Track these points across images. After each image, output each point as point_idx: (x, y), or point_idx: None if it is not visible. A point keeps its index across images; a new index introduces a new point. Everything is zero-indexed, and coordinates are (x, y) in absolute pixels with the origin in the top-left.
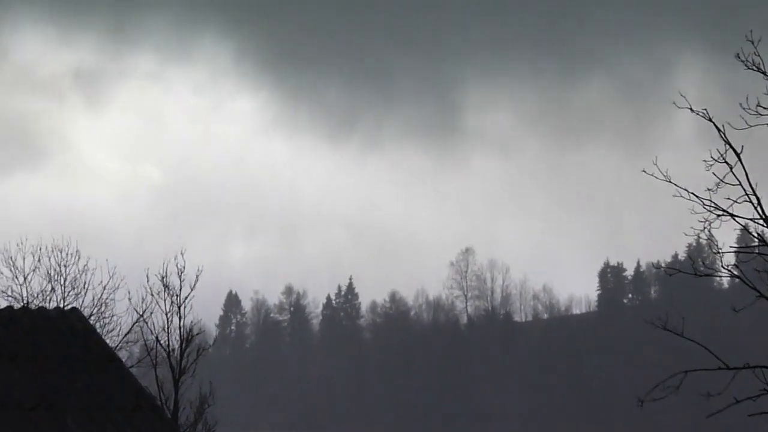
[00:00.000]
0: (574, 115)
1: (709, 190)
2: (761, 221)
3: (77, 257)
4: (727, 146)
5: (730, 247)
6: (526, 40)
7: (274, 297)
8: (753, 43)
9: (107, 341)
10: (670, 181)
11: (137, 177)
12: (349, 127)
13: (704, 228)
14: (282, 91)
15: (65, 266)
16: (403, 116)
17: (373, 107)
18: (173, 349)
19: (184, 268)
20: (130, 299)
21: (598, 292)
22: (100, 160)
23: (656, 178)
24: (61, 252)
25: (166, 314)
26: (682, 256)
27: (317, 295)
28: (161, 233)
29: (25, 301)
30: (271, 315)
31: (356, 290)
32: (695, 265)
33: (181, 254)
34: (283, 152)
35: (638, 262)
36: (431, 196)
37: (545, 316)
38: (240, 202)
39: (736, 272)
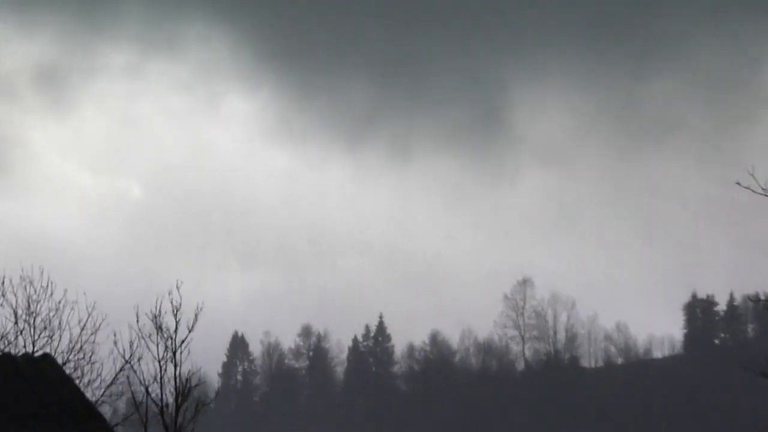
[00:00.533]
0: (643, 119)
1: None
2: None
3: (50, 291)
4: None
5: None
6: (584, 30)
7: (288, 339)
8: None
9: (87, 393)
10: None
11: (113, 193)
12: (371, 133)
13: None
14: (287, 90)
15: (36, 302)
16: (436, 120)
17: (400, 109)
18: (167, 404)
19: (180, 305)
20: (116, 342)
21: (684, 331)
22: (68, 172)
23: (753, 191)
24: (31, 284)
25: (159, 361)
26: None
27: (341, 337)
28: (144, 260)
29: None
30: (286, 361)
31: (388, 331)
32: None
33: (177, 288)
34: (289, 163)
35: (731, 295)
36: (472, 215)
37: (620, 360)
38: (237, 223)
39: None
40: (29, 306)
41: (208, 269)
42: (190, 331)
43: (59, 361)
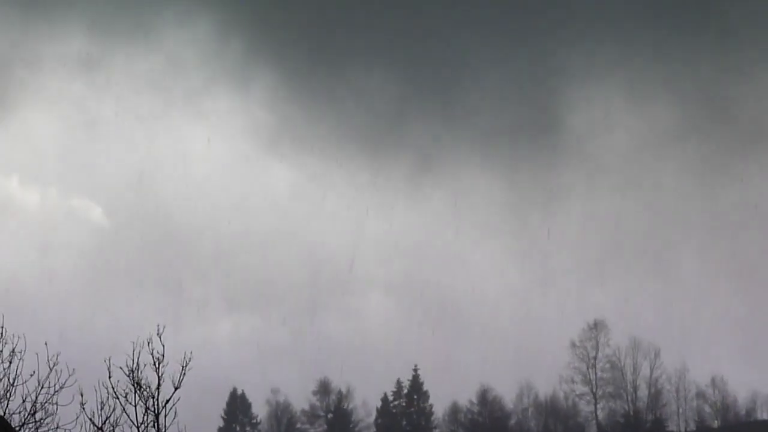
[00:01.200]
0: (736, 126)
1: None
2: None
3: (1, 338)
4: None
5: None
6: (660, 17)
7: (301, 398)
8: None
9: None
10: None
11: (68, 215)
12: (391, 143)
13: None
14: (285, 88)
15: None
16: (472, 128)
17: (427, 114)
18: None
19: (162, 356)
20: (83, 405)
21: None
22: (10, 188)
23: None
24: None
25: (138, 426)
26: None
27: (367, 396)
28: (107, 300)
29: None
30: (299, 425)
31: (425, 387)
32: None
33: (158, 335)
34: (288, 179)
35: None
36: (520, 243)
37: (716, 423)
38: (224, 253)
39: None
40: None
41: (188, 311)
42: (176, 389)
43: (14, 423)
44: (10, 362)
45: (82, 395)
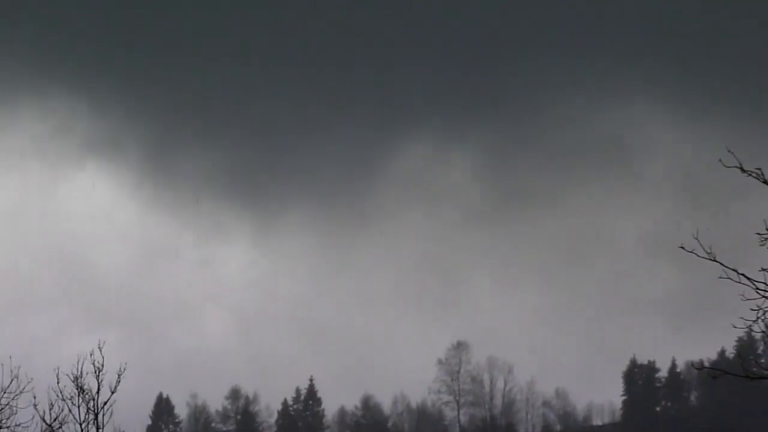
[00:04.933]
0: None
1: (764, 270)
2: None
3: None
4: None
5: None
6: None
7: (216, 402)
8: None
9: None
10: (714, 260)
11: None
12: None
13: (758, 318)
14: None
15: None
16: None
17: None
18: None
19: (102, 366)
20: (35, 405)
21: (624, 397)
22: None
23: (697, 255)
24: None
25: (81, 423)
26: (730, 353)
27: (271, 401)
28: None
29: None
30: (213, 425)
31: (319, 394)
32: (746, 364)
33: (99, 349)
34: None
35: (673, 361)
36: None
37: (558, 427)
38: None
39: None
40: None
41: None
42: (112, 392)
43: None
44: None
45: (34, 397)
